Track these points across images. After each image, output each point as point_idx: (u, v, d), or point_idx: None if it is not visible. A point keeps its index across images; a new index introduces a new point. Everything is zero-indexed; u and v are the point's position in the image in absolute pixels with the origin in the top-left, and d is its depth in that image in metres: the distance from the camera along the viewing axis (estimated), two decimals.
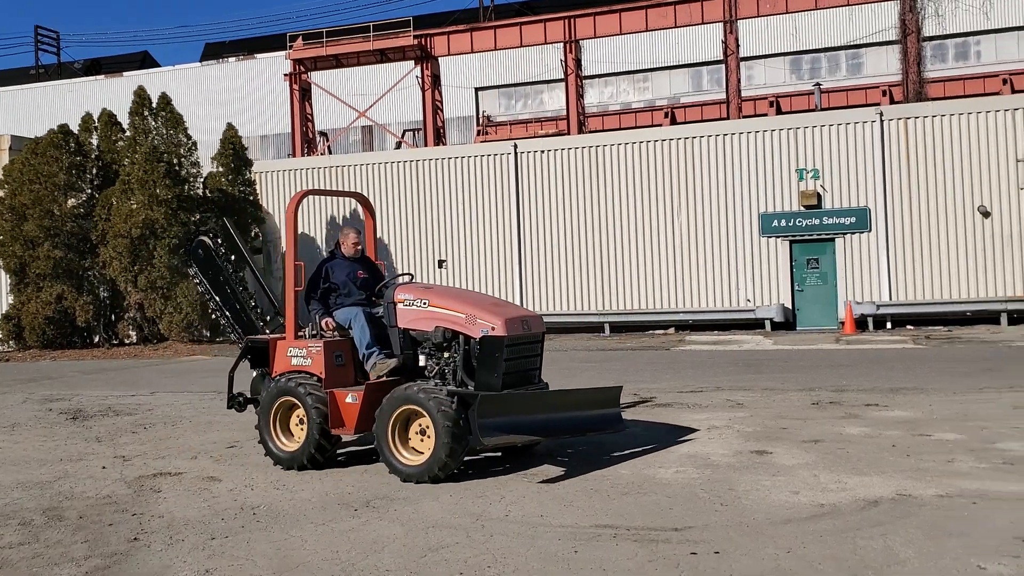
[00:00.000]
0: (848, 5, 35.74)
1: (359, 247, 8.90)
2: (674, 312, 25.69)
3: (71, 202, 27.13)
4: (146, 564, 5.79)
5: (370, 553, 5.79)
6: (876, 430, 9.23)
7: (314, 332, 8.59)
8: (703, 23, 35.71)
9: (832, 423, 9.76)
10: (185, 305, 25.30)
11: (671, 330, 25.54)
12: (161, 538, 6.35)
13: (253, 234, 28.19)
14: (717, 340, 22.54)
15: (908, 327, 23.69)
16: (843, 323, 23.61)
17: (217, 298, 10.14)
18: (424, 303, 8.05)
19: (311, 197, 29.22)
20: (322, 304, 8.65)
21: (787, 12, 35.16)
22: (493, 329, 7.66)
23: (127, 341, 27.73)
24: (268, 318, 10.28)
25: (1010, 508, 6.19)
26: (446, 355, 7.94)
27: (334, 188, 28.93)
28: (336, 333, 8.53)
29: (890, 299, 24.14)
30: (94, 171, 27.70)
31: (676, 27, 36.46)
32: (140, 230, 25.04)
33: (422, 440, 7.65)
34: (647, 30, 36.42)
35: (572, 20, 35.92)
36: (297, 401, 8.29)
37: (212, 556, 5.89)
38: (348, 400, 8.10)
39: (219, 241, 10.34)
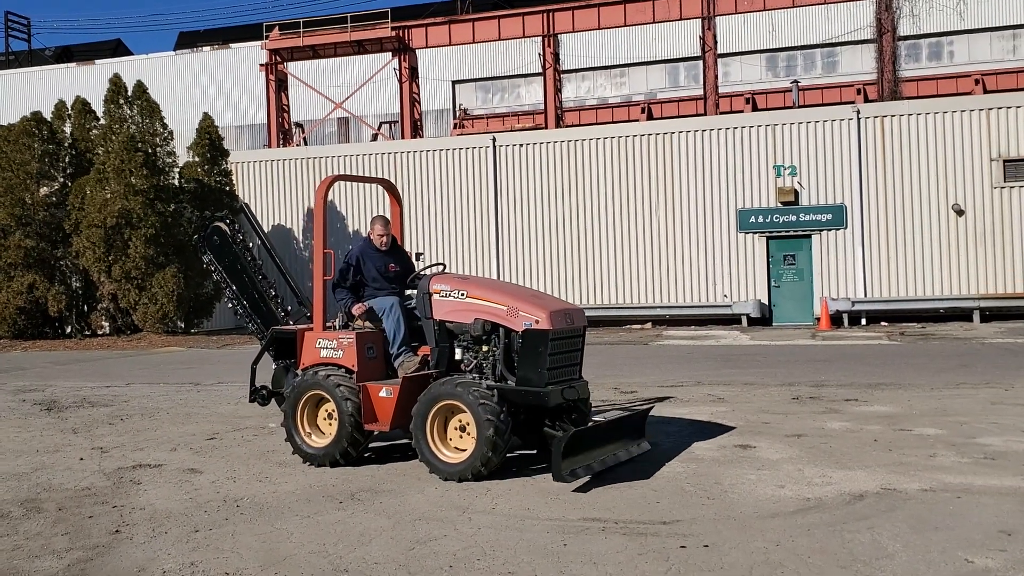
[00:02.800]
0: (825, 3, 35.96)
1: (385, 238, 8.46)
2: (651, 307, 25.78)
3: (43, 190, 26.75)
4: (130, 556, 5.71)
5: (357, 546, 5.74)
6: (857, 425, 9.29)
7: (344, 322, 8.27)
8: (681, 19, 35.81)
9: (813, 418, 9.82)
10: (161, 296, 25.04)
11: (648, 325, 25.63)
12: (143, 530, 6.26)
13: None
14: (695, 335, 22.64)
15: (882, 323, 23.91)
16: (819, 319, 23.79)
17: (234, 287, 9.80)
18: (462, 294, 7.69)
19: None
20: (351, 292, 8.31)
21: (764, 9, 35.31)
22: (537, 322, 7.28)
23: (100, 332, 27.41)
24: (289, 308, 10.02)
25: (993, 502, 6.25)
26: (485, 349, 7.57)
27: (313, 179, 28.76)
28: (366, 321, 8.20)
29: (865, 296, 24.36)
30: (67, 159, 27.33)
31: (654, 23, 36.56)
32: (115, 220, 24.73)
33: (462, 437, 7.37)
34: (625, 25, 36.47)
35: (551, 14, 35.89)
36: (327, 395, 7.93)
37: (197, 548, 5.81)
38: (382, 394, 7.75)
39: (236, 227, 10.05)
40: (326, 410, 8.11)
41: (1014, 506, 6.13)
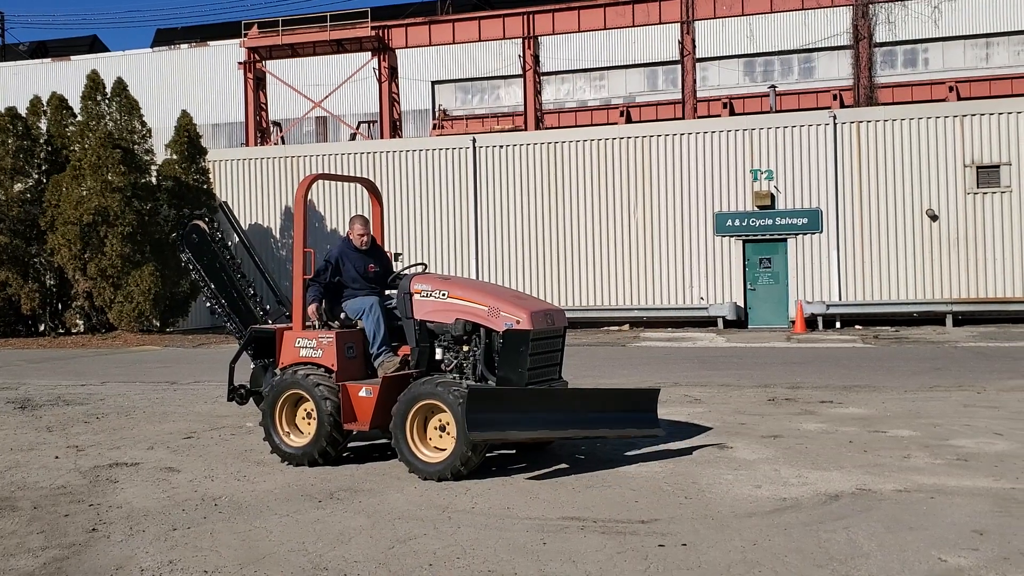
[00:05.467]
0: (802, 9, 36.25)
1: (364, 238, 8.46)
2: (629, 309, 25.91)
3: (18, 187, 26.48)
4: (107, 555, 5.67)
5: (337, 544, 5.74)
6: (832, 426, 9.39)
7: (323, 323, 8.23)
8: (660, 23, 35.96)
9: (789, 419, 9.91)
10: (136, 294, 24.86)
11: (626, 326, 25.74)
12: (120, 529, 6.23)
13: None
14: (671, 337, 22.76)
15: (857, 327, 24.15)
16: (794, 322, 23.98)
17: (212, 285, 9.74)
18: (443, 294, 7.71)
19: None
20: (320, 290, 8.24)
21: (743, 14, 35.53)
22: (518, 322, 7.32)
23: (74, 330, 27.18)
24: (268, 307, 9.98)
25: (966, 503, 6.34)
26: (465, 349, 7.60)
27: (291, 178, 28.65)
28: (318, 320, 8.19)
29: (840, 299, 24.58)
30: (42, 156, 27.07)
31: (634, 26, 36.67)
32: (91, 217, 24.52)
33: (441, 436, 7.38)
34: (605, 28, 36.57)
35: (531, 16, 35.94)
36: (306, 394, 7.92)
37: (175, 547, 5.79)
38: (362, 394, 7.76)
39: (215, 225, 10.01)
40: (305, 409, 8.08)
41: (986, 506, 6.23)
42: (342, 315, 8.37)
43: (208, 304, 10.25)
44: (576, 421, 7.57)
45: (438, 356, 7.81)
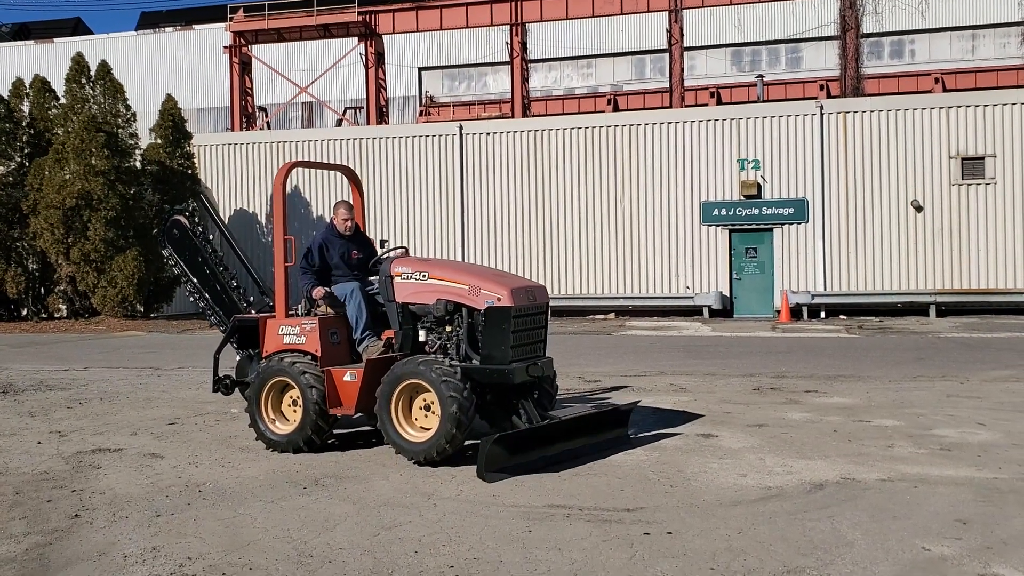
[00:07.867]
0: None
1: (348, 223, 8.48)
2: (615, 297, 25.93)
3: (0, 170, 26.23)
4: (89, 541, 5.64)
5: (322, 531, 5.73)
6: (817, 416, 9.42)
7: (306, 310, 8.25)
8: (649, 11, 35.87)
9: (774, 408, 9.94)
10: (120, 279, 24.69)
11: (611, 315, 25.76)
12: (103, 515, 6.19)
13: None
14: (657, 326, 22.80)
15: (841, 317, 24.26)
16: (779, 312, 24.07)
17: (195, 280, 9.73)
18: (423, 275, 7.71)
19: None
20: (316, 277, 8.28)
21: (731, 3, 35.53)
22: (499, 300, 7.34)
23: (57, 315, 26.99)
24: (251, 298, 9.93)
25: (949, 492, 6.37)
26: (448, 329, 7.59)
27: (275, 164, 28.49)
28: (326, 304, 8.19)
29: (825, 289, 24.67)
30: (25, 139, 26.79)
31: (622, 14, 36.57)
32: (75, 201, 24.31)
33: (427, 416, 7.40)
34: (593, 16, 36.45)
35: (519, 3, 35.78)
36: (291, 381, 7.91)
37: (158, 533, 5.76)
38: (346, 378, 7.79)
39: (196, 220, 9.99)
40: (291, 397, 8.08)
41: (969, 496, 6.26)
42: (320, 304, 8.34)
43: (192, 298, 10.22)
44: (566, 439, 7.70)
45: (421, 338, 7.81)
